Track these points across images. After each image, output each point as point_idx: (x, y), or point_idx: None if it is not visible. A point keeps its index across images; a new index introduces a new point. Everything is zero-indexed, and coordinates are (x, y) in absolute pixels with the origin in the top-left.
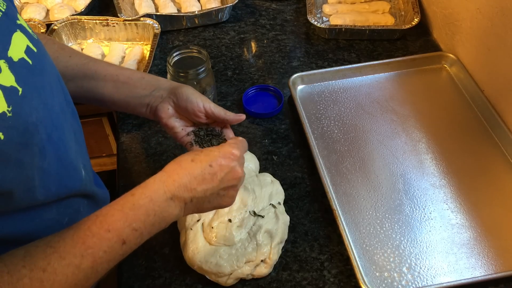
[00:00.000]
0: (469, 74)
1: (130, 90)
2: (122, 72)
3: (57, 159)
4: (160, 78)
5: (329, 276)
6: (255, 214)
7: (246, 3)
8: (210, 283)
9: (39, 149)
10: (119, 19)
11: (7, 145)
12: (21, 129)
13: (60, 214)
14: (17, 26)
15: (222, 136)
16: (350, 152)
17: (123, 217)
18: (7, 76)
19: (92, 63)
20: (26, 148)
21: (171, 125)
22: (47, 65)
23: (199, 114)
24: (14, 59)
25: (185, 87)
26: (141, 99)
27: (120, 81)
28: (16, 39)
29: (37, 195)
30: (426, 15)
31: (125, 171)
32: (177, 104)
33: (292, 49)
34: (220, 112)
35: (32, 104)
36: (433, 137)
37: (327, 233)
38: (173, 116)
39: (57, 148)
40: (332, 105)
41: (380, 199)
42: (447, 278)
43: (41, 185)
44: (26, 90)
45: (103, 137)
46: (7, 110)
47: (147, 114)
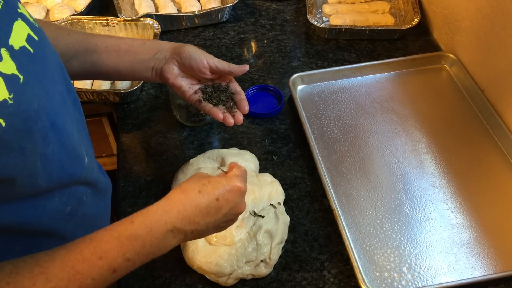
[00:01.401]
0: (469, 74)
1: (133, 57)
2: (122, 41)
3: (60, 146)
4: (161, 41)
5: (329, 276)
6: (255, 214)
7: (246, 3)
8: (210, 283)
9: (41, 136)
10: (119, 19)
11: (9, 132)
12: (22, 116)
13: (62, 204)
14: (18, 15)
15: (229, 90)
16: (350, 152)
17: (118, 245)
18: (8, 64)
19: (91, 38)
20: (28, 135)
21: (178, 84)
22: (48, 53)
23: (203, 70)
24: (15, 47)
25: (187, 45)
26: (146, 63)
27: (122, 50)
28: (17, 27)
29: (39, 181)
30: (426, 15)
31: (125, 171)
32: (181, 63)
33: (292, 49)
34: (224, 66)
35: (33, 92)
36: (433, 137)
37: (327, 233)
38: (179, 75)
39: (60, 135)
40: (332, 105)
41: (380, 199)
42: (447, 278)
43: (43, 171)
44: (28, 78)
45: (103, 137)
46: (9, 98)
47: (153, 77)
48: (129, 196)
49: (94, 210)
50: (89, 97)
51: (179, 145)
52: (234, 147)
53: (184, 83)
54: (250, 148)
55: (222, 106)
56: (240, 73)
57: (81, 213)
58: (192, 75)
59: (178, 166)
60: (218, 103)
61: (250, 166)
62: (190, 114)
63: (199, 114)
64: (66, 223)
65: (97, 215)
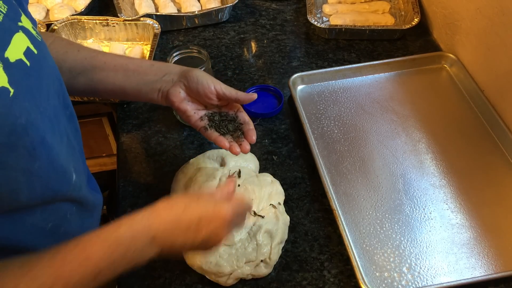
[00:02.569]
0: (469, 74)
1: (141, 78)
2: (131, 61)
3: (48, 162)
4: (170, 64)
5: (329, 276)
6: (255, 214)
7: (246, 3)
8: (210, 283)
9: (27, 151)
10: (119, 19)
11: None
12: (7, 130)
13: (44, 220)
14: (19, 28)
15: (238, 121)
16: (350, 152)
17: (104, 249)
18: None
19: (101, 55)
20: (11, 149)
21: (184, 108)
22: (46, 67)
23: (210, 96)
24: (11, 60)
25: (195, 70)
26: (152, 84)
27: (130, 70)
28: (16, 40)
29: (20, 197)
30: (426, 15)
31: (125, 171)
32: (188, 87)
33: (292, 49)
34: (231, 93)
35: (23, 106)
36: (433, 137)
37: (327, 233)
38: (185, 99)
39: (49, 151)
40: (332, 105)
41: (380, 199)
42: (447, 278)
43: (26, 187)
44: (18, 92)
45: (103, 137)
46: None
47: (159, 100)
48: (129, 196)
49: (78, 227)
50: (89, 97)
51: (179, 145)
52: None
53: (190, 107)
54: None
55: (229, 136)
56: (247, 101)
57: (63, 230)
58: (199, 100)
59: (178, 166)
60: (225, 133)
61: (250, 166)
62: None
63: None
64: (46, 239)
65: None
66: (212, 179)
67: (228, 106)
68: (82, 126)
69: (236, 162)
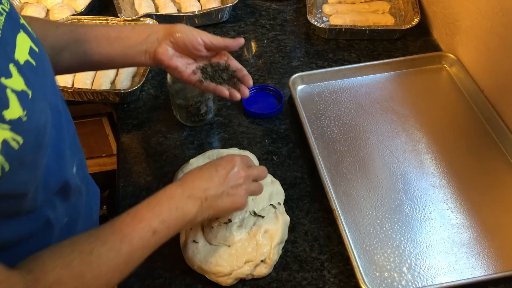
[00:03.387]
0: (469, 74)
1: (124, 42)
2: (112, 28)
3: (56, 157)
4: (152, 24)
5: (329, 276)
6: (255, 214)
7: (246, 3)
8: (210, 283)
9: (45, 149)
10: (119, 19)
11: (26, 149)
12: (35, 132)
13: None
14: (20, 26)
15: (230, 69)
16: (350, 152)
17: (150, 211)
18: (18, 80)
19: (80, 28)
20: (40, 150)
21: (174, 65)
22: (47, 64)
23: (199, 47)
24: (21, 62)
25: (179, 25)
26: (138, 47)
27: (112, 37)
28: (20, 40)
29: (40, 192)
30: (426, 15)
31: (125, 171)
32: (175, 43)
33: (292, 49)
34: (219, 41)
35: (40, 107)
36: (433, 137)
37: (327, 233)
38: (174, 56)
39: (57, 146)
40: (332, 105)
41: (380, 199)
42: (447, 278)
43: (43, 183)
44: (34, 93)
45: (103, 137)
46: (23, 115)
47: (147, 61)
48: (129, 196)
49: (88, 222)
50: (89, 97)
51: (179, 145)
52: (234, 147)
53: (180, 63)
54: (250, 148)
55: (226, 85)
56: (235, 46)
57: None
58: (187, 54)
59: (178, 166)
60: (221, 82)
61: None
62: (190, 114)
63: (199, 114)
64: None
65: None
66: None
67: (218, 56)
68: (82, 126)
69: None
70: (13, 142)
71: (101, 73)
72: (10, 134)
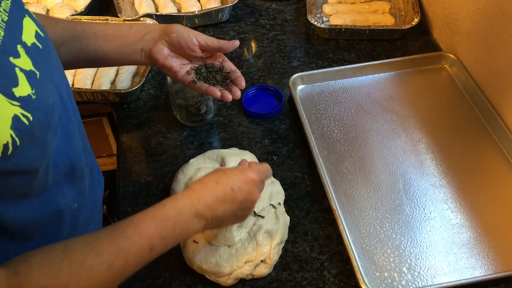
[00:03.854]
0: (469, 74)
1: (121, 40)
2: (110, 26)
3: (66, 140)
4: (148, 23)
5: (329, 276)
6: (255, 214)
7: (246, 3)
8: (210, 283)
9: (54, 129)
10: (119, 19)
11: (35, 126)
12: (43, 110)
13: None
14: (25, 12)
15: (224, 70)
16: (350, 152)
17: (155, 225)
18: (25, 60)
19: (78, 24)
20: (48, 128)
21: (169, 65)
22: (52, 49)
23: (193, 48)
24: (28, 44)
25: (175, 25)
26: (134, 45)
27: (109, 34)
28: (26, 24)
29: (49, 173)
30: (426, 15)
31: (125, 171)
32: (171, 43)
33: (292, 49)
34: (213, 42)
35: (48, 87)
36: (433, 137)
37: (327, 233)
38: (169, 55)
39: (66, 129)
40: (332, 105)
41: (380, 199)
42: (447, 278)
43: (53, 163)
44: (42, 74)
45: (103, 137)
46: (32, 93)
47: (143, 60)
48: (129, 196)
49: (93, 208)
50: (89, 97)
51: (179, 145)
52: (234, 147)
53: (175, 63)
54: (250, 148)
55: (219, 86)
56: (230, 48)
57: (84, 210)
58: (182, 55)
59: (178, 166)
60: (215, 83)
61: None
62: (190, 114)
63: (199, 114)
64: (74, 219)
65: (94, 212)
66: None
67: (213, 57)
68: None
69: (236, 162)
70: (23, 118)
71: (101, 73)
72: (20, 110)
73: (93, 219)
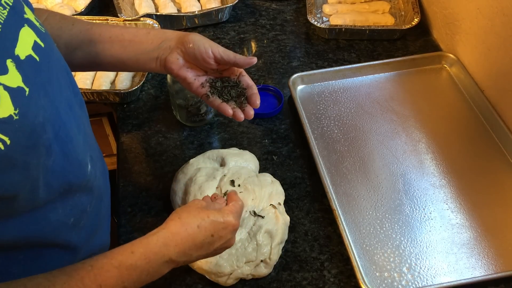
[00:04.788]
0: (469, 74)
1: (137, 47)
2: (127, 31)
3: (63, 156)
4: (166, 31)
5: (329, 276)
6: (255, 214)
7: (246, 3)
8: (210, 283)
9: (45, 148)
10: (119, 19)
11: (14, 150)
12: (28, 131)
13: (66, 215)
14: (25, 21)
15: (240, 85)
16: (350, 152)
17: (118, 275)
18: (14, 77)
19: (96, 27)
20: (33, 149)
21: (183, 75)
22: (55, 59)
23: (208, 60)
24: (21, 57)
25: (192, 34)
26: (150, 53)
27: (126, 40)
28: (23, 34)
29: (40, 194)
30: (426, 15)
31: (125, 171)
32: (186, 53)
33: (292, 49)
34: (229, 56)
35: (39, 104)
36: (433, 137)
37: (327, 233)
38: (184, 66)
39: (64, 145)
40: (332, 105)
41: (380, 199)
42: (447, 278)
43: (43, 183)
44: (33, 90)
45: (103, 137)
46: (14, 113)
47: (158, 68)
48: (129, 196)
49: (96, 218)
50: (89, 97)
51: (179, 145)
52: (234, 147)
53: (190, 74)
54: (250, 148)
55: (232, 102)
56: (246, 65)
57: (83, 223)
58: (197, 65)
59: (178, 166)
60: (229, 99)
61: (250, 166)
62: (190, 114)
63: (199, 114)
64: (69, 234)
65: (98, 223)
66: (212, 179)
67: (229, 70)
68: None
69: (236, 162)
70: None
71: (101, 73)
72: None
73: (99, 228)
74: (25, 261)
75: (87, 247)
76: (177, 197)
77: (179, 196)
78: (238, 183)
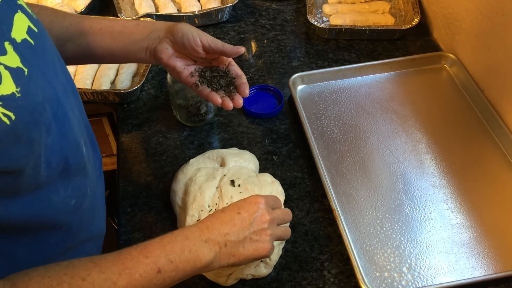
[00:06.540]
0: (469, 74)
1: (127, 38)
2: (117, 22)
3: (61, 135)
4: (156, 22)
5: (329, 276)
6: None
7: (246, 3)
8: (210, 283)
9: (45, 126)
10: (119, 19)
11: (19, 125)
12: (29, 109)
13: (68, 197)
14: (18, 7)
15: (230, 75)
16: (350, 152)
17: (161, 247)
18: (12, 57)
19: (86, 20)
20: (35, 126)
21: (172, 64)
22: (48, 44)
23: (196, 49)
24: (18, 40)
25: (180, 24)
26: (139, 43)
27: (116, 31)
28: (17, 19)
29: (41, 171)
30: (426, 15)
31: (125, 171)
32: (175, 42)
33: (292, 49)
34: (217, 45)
35: (38, 84)
36: (433, 137)
37: (327, 233)
38: (173, 55)
39: (62, 124)
40: (332, 105)
41: (380, 199)
42: (447, 278)
43: (44, 161)
44: (32, 71)
45: (103, 137)
46: (16, 91)
47: (148, 58)
48: (129, 196)
49: (95, 203)
50: (89, 97)
51: (179, 145)
52: (234, 147)
53: (179, 63)
54: (250, 148)
55: (222, 92)
56: (234, 54)
57: (85, 206)
58: (186, 54)
59: (178, 166)
60: (218, 88)
61: (250, 166)
62: (190, 114)
63: (199, 114)
64: (71, 215)
65: (95, 206)
66: (212, 179)
67: (218, 60)
68: None
69: (236, 162)
70: (4, 118)
71: (101, 73)
72: (1, 109)
73: (98, 213)
74: (30, 244)
75: (86, 230)
76: (177, 197)
77: (179, 196)
78: (238, 183)
